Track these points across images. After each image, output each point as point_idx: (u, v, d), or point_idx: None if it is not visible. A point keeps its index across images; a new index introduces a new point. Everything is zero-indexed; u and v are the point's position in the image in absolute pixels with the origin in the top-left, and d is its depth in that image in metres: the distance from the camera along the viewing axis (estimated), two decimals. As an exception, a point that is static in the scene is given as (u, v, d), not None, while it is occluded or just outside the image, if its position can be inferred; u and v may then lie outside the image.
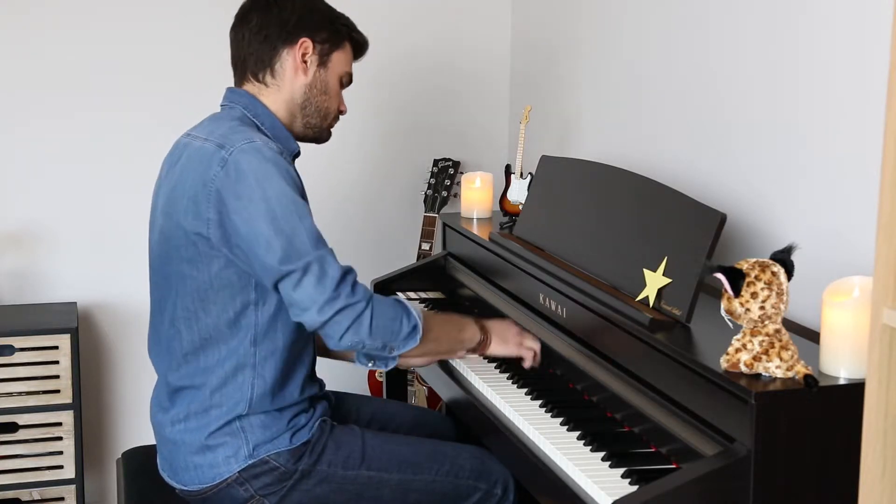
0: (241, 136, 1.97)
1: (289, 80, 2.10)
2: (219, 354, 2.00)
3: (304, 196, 1.99)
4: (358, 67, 2.25)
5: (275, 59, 2.09)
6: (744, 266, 1.64)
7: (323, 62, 2.13)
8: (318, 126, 2.17)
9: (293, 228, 1.90)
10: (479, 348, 2.21)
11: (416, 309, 2.05)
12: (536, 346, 2.23)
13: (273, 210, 1.89)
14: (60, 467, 2.96)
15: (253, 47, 2.10)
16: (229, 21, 2.16)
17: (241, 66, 2.13)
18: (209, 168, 1.94)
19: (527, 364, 2.21)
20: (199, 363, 2.02)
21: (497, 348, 2.21)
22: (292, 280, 1.89)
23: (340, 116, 2.22)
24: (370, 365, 2.06)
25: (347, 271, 1.94)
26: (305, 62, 2.10)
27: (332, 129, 2.22)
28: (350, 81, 2.21)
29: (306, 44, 2.10)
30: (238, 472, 1.99)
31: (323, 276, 1.89)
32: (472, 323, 2.21)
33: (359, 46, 2.21)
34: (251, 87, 2.12)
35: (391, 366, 2.07)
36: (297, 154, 2.15)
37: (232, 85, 2.15)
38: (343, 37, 2.16)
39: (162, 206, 2.04)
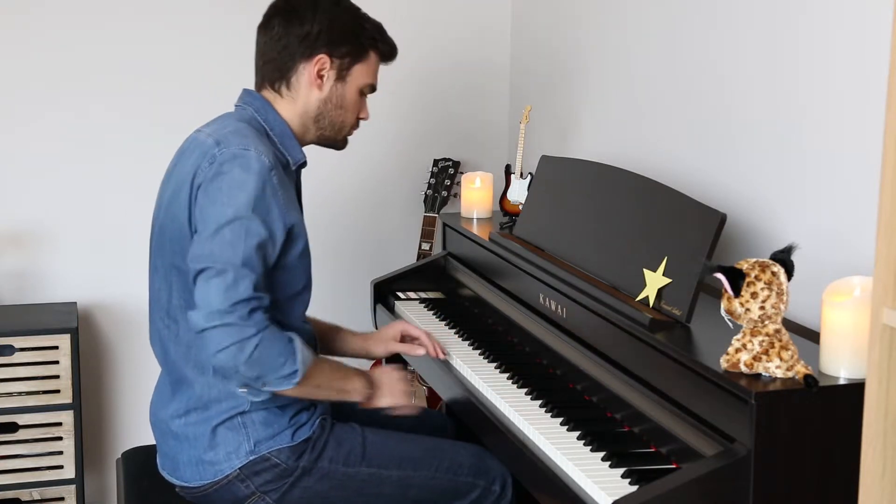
0: (239, 139, 1.96)
1: (303, 94, 2.09)
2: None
3: (291, 207, 1.98)
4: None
5: (291, 72, 2.08)
6: (744, 266, 1.64)
7: (341, 76, 2.11)
8: (332, 137, 2.18)
9: (235, 240, 1.88)
10: (367, 402, 2.11)
11: (307, 356, 1.95)
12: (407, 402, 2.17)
13: (229, 216, 1.89)
14: (60, 467, 2.96)
15: (270, 55, 2.09)
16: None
17: (260, 69, 2.12)
18: (200, 161, 1.96)
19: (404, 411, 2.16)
20: (192, 357, 2.01)
21: (386, 402, 2.13)
22: (206, 275, 1.88)
23: (361, 123, 2.21)
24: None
25: (256, 299, 1.88)
26: (321, 77, 2.09)
27: (348, 138, 2.21)
28: (373, 90, 2.19)
29: (323, 60, 2.08)
30: (239, 468, 2.00)
31: (231, 288, 1.86)
32: (360, 378, 2.10)
33: (386, 54, 2.19)
34: (267, 93, 2.11)
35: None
36: (304, 164, 2.13)
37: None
38: (366, 49, 2.13)
39: (167, 199, 2.04)
